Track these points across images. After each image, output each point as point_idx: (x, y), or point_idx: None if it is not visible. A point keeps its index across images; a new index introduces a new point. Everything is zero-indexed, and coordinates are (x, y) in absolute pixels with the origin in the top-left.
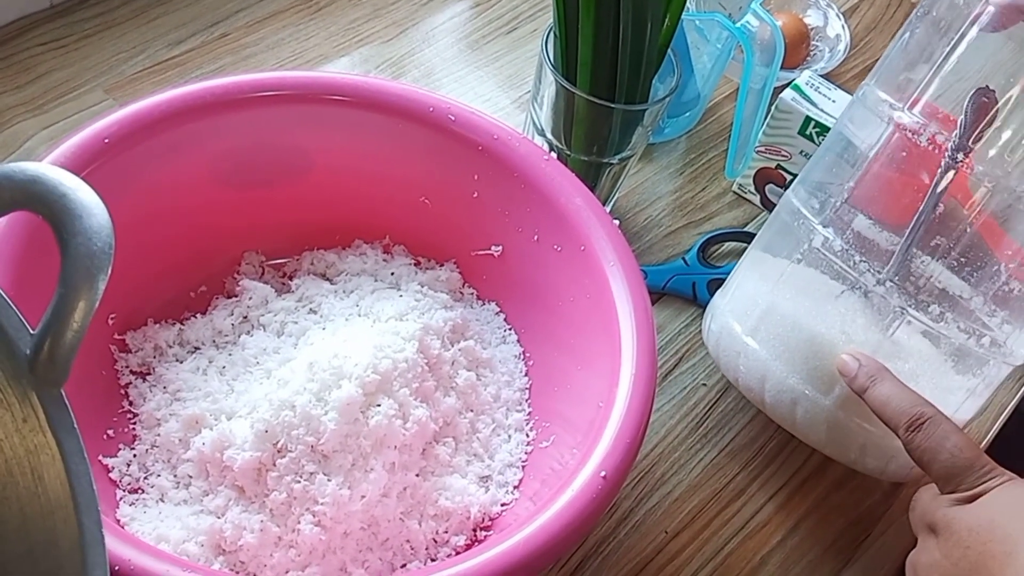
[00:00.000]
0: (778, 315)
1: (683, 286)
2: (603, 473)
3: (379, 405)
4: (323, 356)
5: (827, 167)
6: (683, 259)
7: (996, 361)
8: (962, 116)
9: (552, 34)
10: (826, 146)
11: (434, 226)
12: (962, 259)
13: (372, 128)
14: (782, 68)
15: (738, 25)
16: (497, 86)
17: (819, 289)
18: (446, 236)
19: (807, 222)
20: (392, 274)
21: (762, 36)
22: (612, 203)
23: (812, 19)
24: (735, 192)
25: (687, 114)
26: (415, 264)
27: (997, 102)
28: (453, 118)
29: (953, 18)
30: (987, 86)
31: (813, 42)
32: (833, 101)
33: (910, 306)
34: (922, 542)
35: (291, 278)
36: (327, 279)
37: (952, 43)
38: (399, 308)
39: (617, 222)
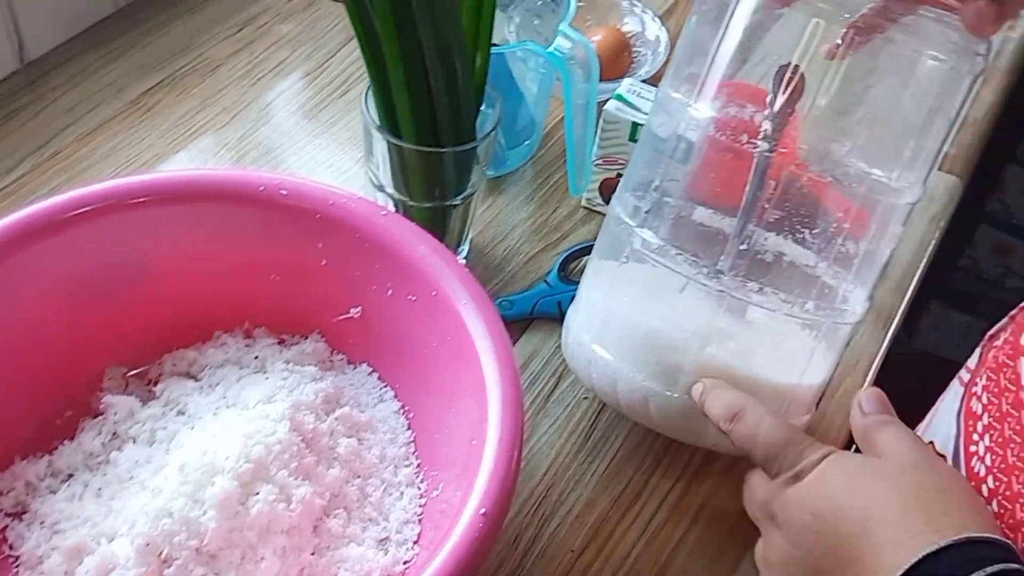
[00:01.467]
0: (617, 318)
1: (549, 307)
2: (483, 510)
3: (258, 493)
4: (193, 456)
5: (644, 166)
6: (545, 281)
7: (825, 325)
8: (769, 95)
9: (370, 92)
10: (639, 148)
11: (291, 301)
12: (803, 228)
13: (207, 219)
14: (612, 79)
15: (550, 50)
16: (338, 149)
17: (658, 285)
18: (305, 309)
19: (626, 226)
20: (256, 358)
21: (578, 54)
22: (468, 241)
23: (630, 26)
24: (585, 207)
25: (526, 142)
26: (279, 343)
27: (803, 76)
28: (285, 192)
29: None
30: (790, 62)
31: (635, 48)
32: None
33: (730, 289)
34: (767, 535)
35: (156, 383)
36: (192, 377)
37: (726, 24)
38: (266, 391)
39: (462, 259)
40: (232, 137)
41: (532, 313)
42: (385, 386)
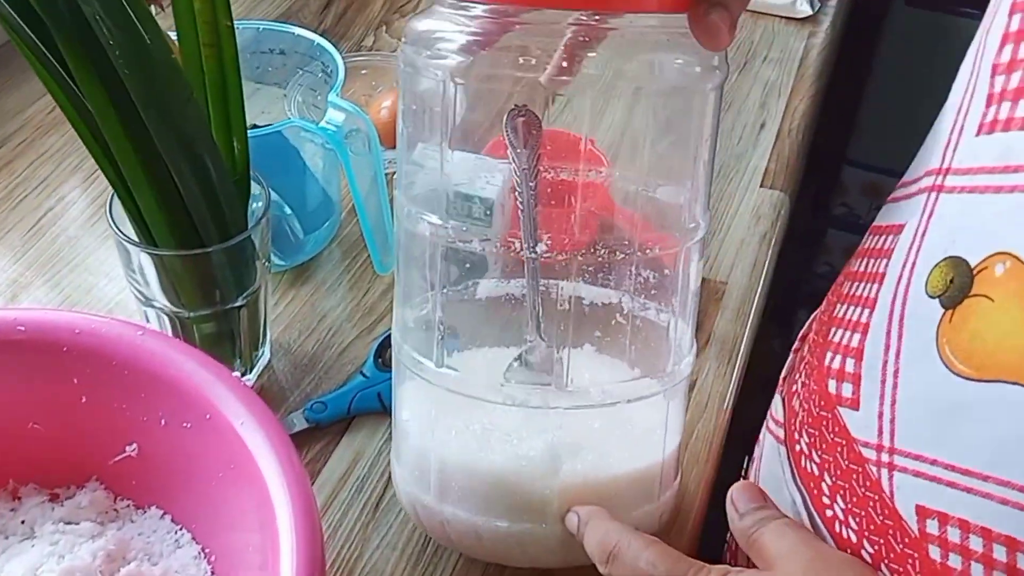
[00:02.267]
0: (453, 468)
1: (369, 401)
2: None
3: None
4: None
5: (411, 276)
6: (362, 373)
7: (667, 390)
8: (508, 148)
9: (115, 198)
10: (401, 260)
11: (57, 450)
12: (591, 268)
13: None
14: None
15: (321, 124)
16: (119, 262)
17: (479, 410)
18: (74, 455)
19: (414, 360)
20: (23, 522)
21: (356, 125)
22: (267, 343)
23: None
24: None
25: (326, 223)
26: (51, 499)
27: (535, 115)
28: (23, 328)
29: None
30: (516, 105)
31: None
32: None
33: (560, 403)
34: None
35: None
36: None
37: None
38: (30, 562)
39: (264, 363)
40: None
41: (350, 412)
42: (180, 529)
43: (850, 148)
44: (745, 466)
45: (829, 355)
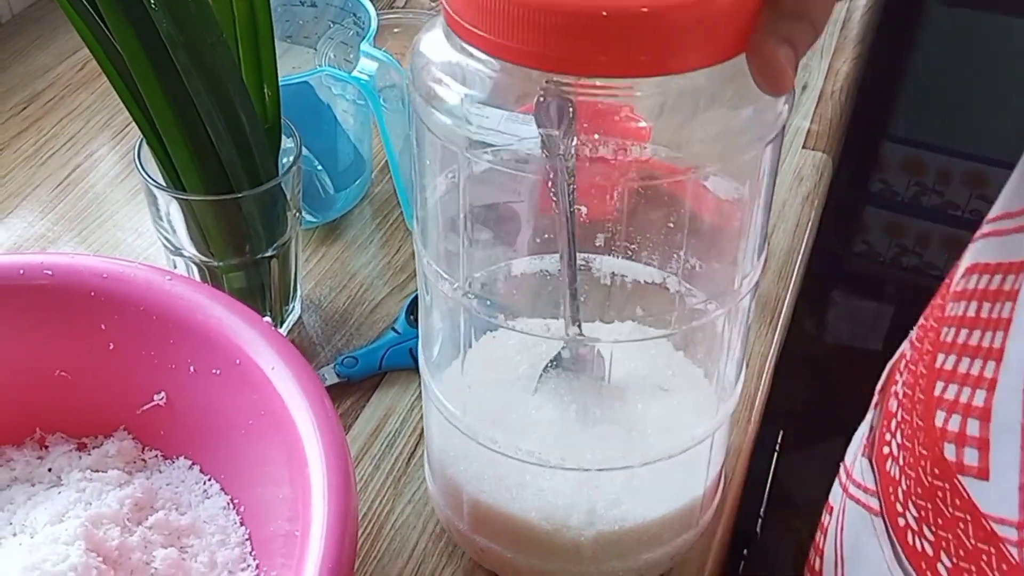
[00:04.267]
0: (486, 509)
1: (401, 357)
2: None
3: None
4: None
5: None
6: (393, 329)
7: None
8: (545, 124)
9: (143, 144)
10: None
11: (85, 398)
12: (633, 244)
13: None
14: None
15: (354, 74)
16: (147, 216)
17: (518, 472)
18: (102, 404)
19: (469, 427)
20: (50, 470)
21: (389, 76)
22: (297, 298)
23: None
24: None
25: (356, 181)
26: (79, 448)
27: (567, 98)
28: (51, 272)
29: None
30: (542, 87)
31: None
32: (487, 117)
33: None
34: None
35: None
36: None
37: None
38: (57, 509)
39: (295, 318)
40: (22, 224)
41: (381, 367)
42: (209, 479)
43: (891, 124)
44: (817, 540)
45: (941, 415)
